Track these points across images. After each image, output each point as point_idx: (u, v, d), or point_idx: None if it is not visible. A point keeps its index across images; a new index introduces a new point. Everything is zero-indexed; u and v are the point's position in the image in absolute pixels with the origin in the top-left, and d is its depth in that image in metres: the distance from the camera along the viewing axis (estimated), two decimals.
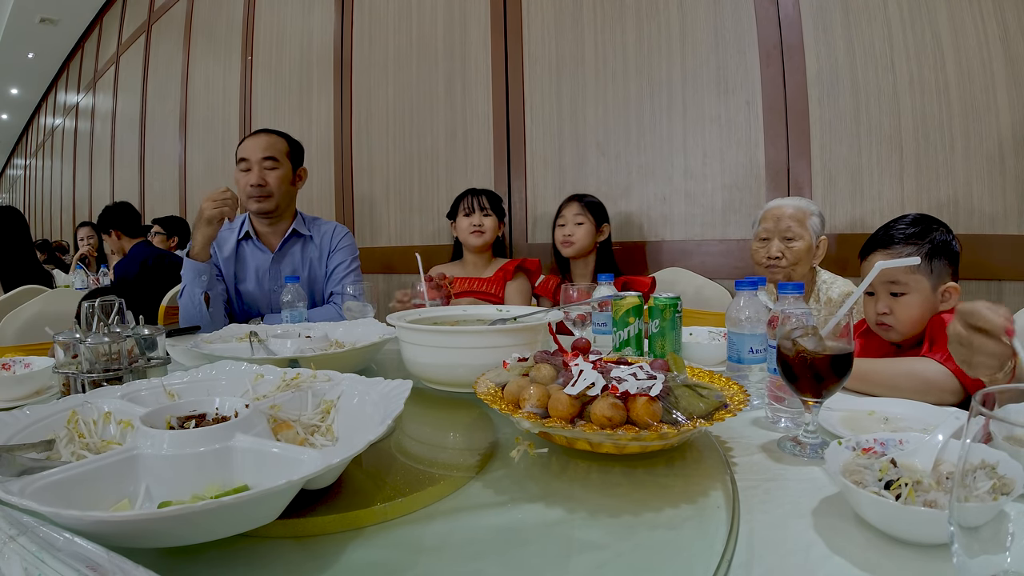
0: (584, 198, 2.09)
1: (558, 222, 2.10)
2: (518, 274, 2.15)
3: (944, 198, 1.72)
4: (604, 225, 2.09)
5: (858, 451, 0.62)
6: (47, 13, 6.80)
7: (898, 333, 1.16)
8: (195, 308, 1.66)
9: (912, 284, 1.12)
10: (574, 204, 2.08)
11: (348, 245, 1.94)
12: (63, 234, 7.97)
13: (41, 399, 1.00)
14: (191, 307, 1.66)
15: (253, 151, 1.80)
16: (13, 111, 10.36)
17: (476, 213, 2.14)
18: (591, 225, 2.05)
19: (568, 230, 2.06)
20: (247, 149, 1.81)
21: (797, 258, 1.61)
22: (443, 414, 0.94)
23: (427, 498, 0.59)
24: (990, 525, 0.35)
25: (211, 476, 0.55)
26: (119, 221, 3.37)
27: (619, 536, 0.52)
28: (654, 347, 1.11)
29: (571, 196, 2.12)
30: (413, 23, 2.96)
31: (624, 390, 0.65)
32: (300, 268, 1.87)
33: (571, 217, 2.06)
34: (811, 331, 0.72)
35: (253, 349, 1.14)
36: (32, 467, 0.54)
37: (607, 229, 2.10)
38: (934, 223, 1.17)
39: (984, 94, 1.64)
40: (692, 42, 2.14)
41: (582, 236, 2.04)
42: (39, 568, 0.41)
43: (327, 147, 3.36)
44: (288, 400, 0.70)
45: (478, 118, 2.71)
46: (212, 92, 4.39)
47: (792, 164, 1.95)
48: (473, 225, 2.12)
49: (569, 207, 2.08)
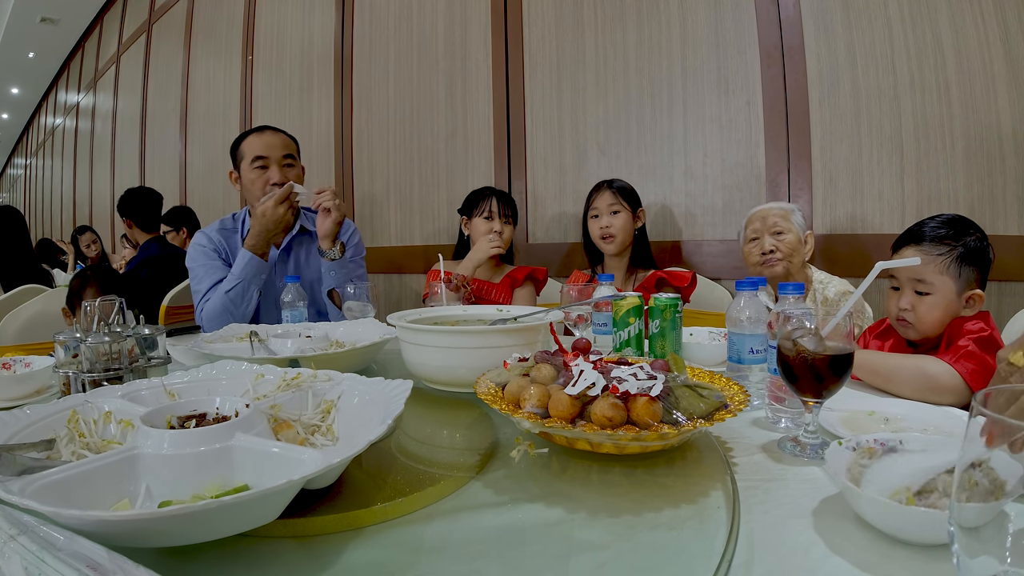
0: (615, 183, 1.92)
1: (590, 214, 1.93)
2: (527, 282, 2.07)
3: (944, 198, 1.72)
4: (640, 211, 1.92)
5: (860, 451, 0.62)
6: (47, 13, 6.80)
7: (916, 332, 1.15)
8: (246, 303, 1.65)
9: (938, 285, 1.11)
10: (606, 192, 1.90)
11: (357, 243, 1.92)
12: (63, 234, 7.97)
13: (41, 398, 1.01)
14: (242, 302, 1.65)
15: (273, 149, 1.76)
16: (13, 111, 10.35)
17: (498, 220, 2.00)
18: (628, 213, 1.88)
19: (604, 221, 1.88)
20: (265, 146, 1.76)
21: (790, 249, 1.63)
22: (443, 414, 0.94)
23: (427, 498, 0.59)
24: (990, 525, 0.35)
25: (211, 476, 0.55)
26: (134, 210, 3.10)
27: (619, 536, 0.52)
28: (654, 347, 1.11)
29: (601, 183, 1.94)
30: (414, 23, 2.96)
31: (624, 390, 0.65)
32: (304, 266, 1.86)
33: (605, 207, 1.88)
34: (811, 331, 0.72)
35: (253, 349, 1.14)
36: (32, 466, 0.54)
37: (643, 215, 1.93)
38: (970, 227, 1.14)
39: (985, 94, 1.64)
40: (693, 42, 2.14)
41: (621, 227, 1.88)
42: (39, 567, 0.41)
43: (327, 147, 3.36)
44: (288, 400, 0.70)
45: (478, 118, 2.71)
46: (212, 92, 4.39)
47: (792, 164, 1.95)
48: (494, 231, 1.98)
49: (601, 196, 1.91)
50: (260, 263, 1.67)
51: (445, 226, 2.84)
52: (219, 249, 1.79)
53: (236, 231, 1.84)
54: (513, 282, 2.05)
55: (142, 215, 3.11)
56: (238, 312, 1.66)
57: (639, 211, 1.94)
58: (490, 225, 2.00)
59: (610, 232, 1.89)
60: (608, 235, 1.90)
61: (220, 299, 1.66)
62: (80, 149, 7.51)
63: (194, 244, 1.80)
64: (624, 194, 1.92)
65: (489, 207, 2.03)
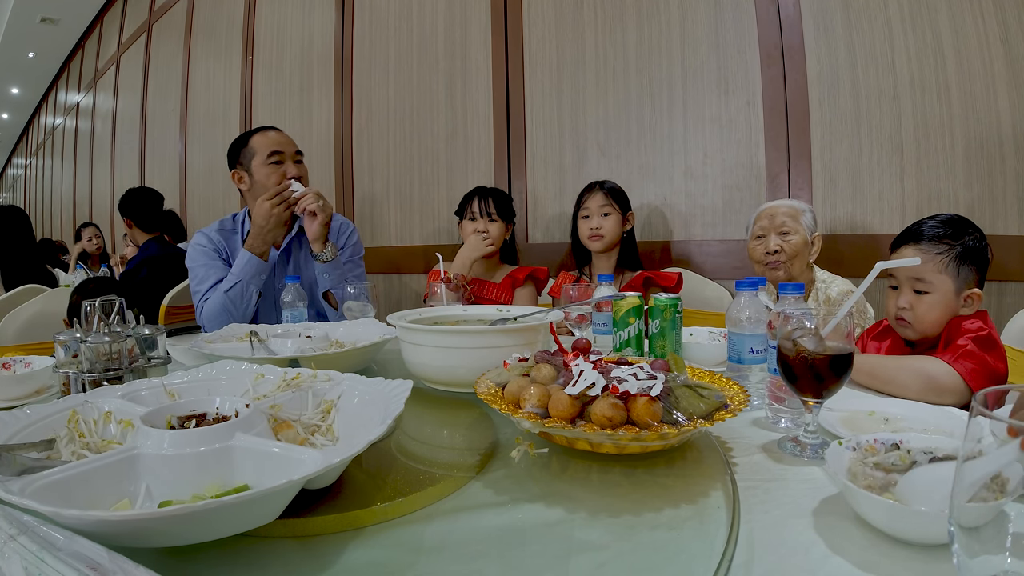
0: (606, 184, 1.96)
1: (581, 214, 1.97)
2: (527, 282, 2.08)
3: (944, 198, 1.72)
4: (629, 214, 1.96)
5: (860, 450, 0.62)
6: (47, 13, 6.80)
7: (915, 332, 1.15)
8: (245, 304, 1.66)
9: (937, 284, 1.11)
10: (598, 194, 1.94)
11: (355, 243, 1.93)
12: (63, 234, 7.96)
13: (41, 398, 1.00)
14: (241, 302, 1.66)
15: (287, 145, 1.79)
16: (13, 111, 10.35)
17: (482, 219, 2.02)
18: (618, 215, 1.92)
19: (594, 223, 1.92)
20: (279, 143, 1.79)
21: (795, 251, 1.62)
22: (443, 414, 0.94)
23: (427, 498, 0.59)
24: (990, 525, 0.35)
25: (211, 476, 0.55)
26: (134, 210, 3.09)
27: (619, 536, 0.52)
28: (654, 347, 1.11)
29: (592, 184, 1.98)
30: (414, 23, 2.96)
31: (624, 390, 0.65)
32: (304, 267, 1.86)
33: (596, 208, 1.92)
34: (811, 331, 0.72)
35: (253, 349, 1.14)
36: (32, 466, 0.54)
37: (632, 218, 1.98)
38: (969, 227, 1.14)
39: (985, 95, 1.64)
40: (693, 42, 2.14)
41: (611, 228, 1.91)
42: (39, 567, 0.41)
43: (327, 147, 3.36)
44: (288, 400, 0.70)
45: (478, 118, 2.71)
46: (212, 92, 4.39)
47: (792, 164, 1.95)
48: (477, 231, 2.00)
49: (592, 197, 1.94)
50: (259, 263, 1.68)
51: (445, 226, 2.84)
52: (219, 249, 1.79)
53: (236, 232, 1.84)
54: (514, 282, 2.06)
55: (142, 215, 3.10)
56: (237, 312, 1.66)
57: (628, 214, 1.97)
58: (474, 226, 2.03)
59: (599, 233, 1.93)
60: (596, 235, 1.93)
61: (220, 299, 1.66)
62: (80, 149, 7.51)
63: (194, 244, 1.80)
64: (615, 196, 1.95)
65: (472, 208, 2.06)
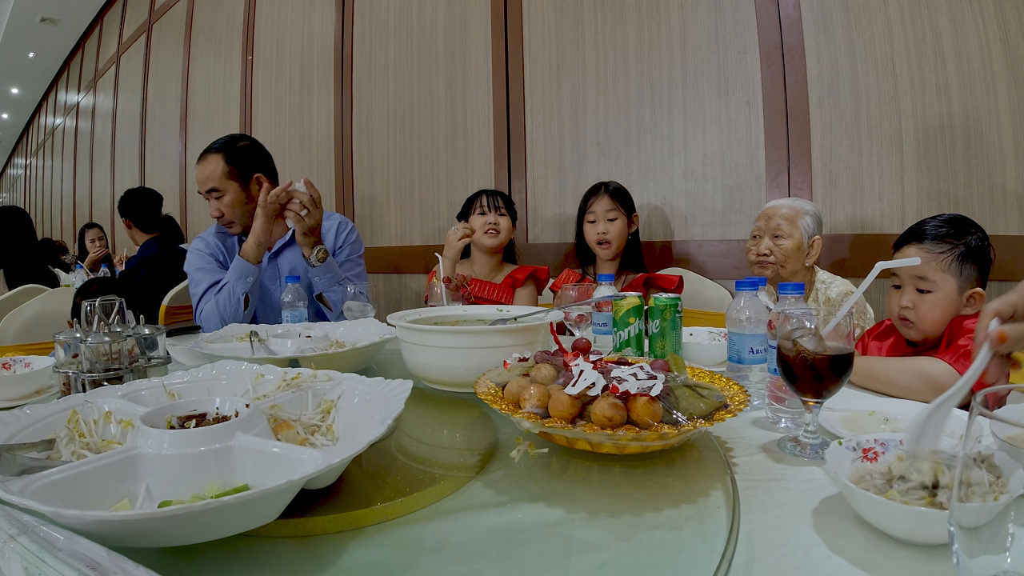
0: (611, 186, 1.95)
1: (587, 218, 1.96)
2: (528, 282, 2.09)
3: (944, 198, 1.72)
4: (634, 215, 1.97)
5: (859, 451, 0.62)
6: (47, 13, 6.80)
7: (918, 331, 1.15)
8: (232, 306, 1.66)
9: (940, 283, 1.12)
10: (604, 197, 1.93)
11: (353, 242, 1.92)
12: (63, 234, 7.96)
13: (41, 398, 1.00)
14: (228, 305, 1.66)
15: (200, 184, 1.77)
16: (13, 111, 10.35)
17: (491, 212, 2.06)
18: (624, 219, 1.93)
19: (601, 228, 1.92)
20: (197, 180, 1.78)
21: (785, 256, 1.61)
22: (443, 414, 0.94)
23: (427, 498, 0.59)
24: (990, 525, 0.35)
25: (211, 476, 0.55)
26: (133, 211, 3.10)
27: (619, 536, 0.52)
28: (654, 347, 1.11)
29: (597, 186, 1.98)
30: (413, 23, 2.96)
31: (624, 390, 0.65)
32: (300, 267, 1.85)
33: (602, 213, 1.92)
34: (811, 331, 0.72)
35: (253, 349, 1.14)
36: (32, 466, 0.54)
37: (637, 220, 1.98)
38: (972, 227, 1.16)
39: (985, 95, 1.64)
40: (693, 42, 2.14)
41: (617, 234, 1.92)
42: (39, 567, 0.41)
43: (327, 147, 3.36)
44: (288, 400, 0.70)
45: (478, 118, 2.71)
46: (212, 92, 4.39)
47: (792, 165, 1.95)
48: (488, 224, 2.04)
49: (599, 200, 1.94)
50: (244, 265, 1.67)
51: (445, 226, 2.84)
52: (215, 253, 1.81)
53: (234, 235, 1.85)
54: (514, 282, 2.07)
55: (142, 215, 3.12)
56: (226, 314, 1.66)
57: (633, 216, 1.98)
58: (484, 219, 2.06)
59: (607, 239, 1.93)
60: (605, 241, 1.93)
61: (211, 301, 1.68)
62: (80, 149, 7.51)
63: (192, 249, 1.82)
64: (620, 198, 1.95)
65: (481, 202, 2.09)
